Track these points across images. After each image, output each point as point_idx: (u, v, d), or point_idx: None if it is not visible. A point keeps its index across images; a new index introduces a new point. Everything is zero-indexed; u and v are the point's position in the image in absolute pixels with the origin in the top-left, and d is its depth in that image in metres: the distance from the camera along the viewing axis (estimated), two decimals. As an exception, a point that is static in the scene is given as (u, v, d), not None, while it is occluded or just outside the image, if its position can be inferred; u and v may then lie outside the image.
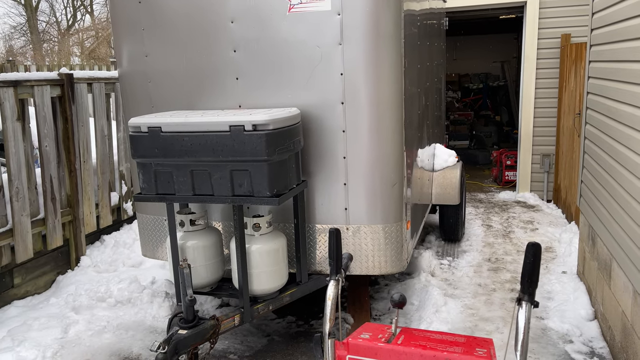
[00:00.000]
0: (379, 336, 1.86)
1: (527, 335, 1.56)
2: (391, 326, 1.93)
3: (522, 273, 1.64)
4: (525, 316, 1.61)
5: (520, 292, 1.64)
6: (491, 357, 1.72)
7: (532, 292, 1.63)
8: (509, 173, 7.92)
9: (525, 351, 1.56)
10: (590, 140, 4.20)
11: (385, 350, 1.77)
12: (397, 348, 1.75)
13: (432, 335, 1.88)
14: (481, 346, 1.79)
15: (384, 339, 1.83)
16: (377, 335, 1.87)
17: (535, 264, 1.62)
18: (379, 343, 1.80)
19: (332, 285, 1.84)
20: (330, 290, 1.83)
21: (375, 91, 3.45)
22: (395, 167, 3.59)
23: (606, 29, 3.74)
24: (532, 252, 1.62)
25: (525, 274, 1.63)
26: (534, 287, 1.62)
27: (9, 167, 4.19)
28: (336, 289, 1.83)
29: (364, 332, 1.90)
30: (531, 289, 1.62)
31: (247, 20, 3.50)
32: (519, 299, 1.63)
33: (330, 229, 1.85)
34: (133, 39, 3.80)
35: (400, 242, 3.65)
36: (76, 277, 4.78)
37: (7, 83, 4.12)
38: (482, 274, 4.83)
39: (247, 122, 3.00)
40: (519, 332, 1.59)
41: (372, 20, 3.35)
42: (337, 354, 1.85)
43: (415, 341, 1.79)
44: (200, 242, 3.48)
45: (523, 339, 1.56)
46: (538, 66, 6.95)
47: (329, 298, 1.81)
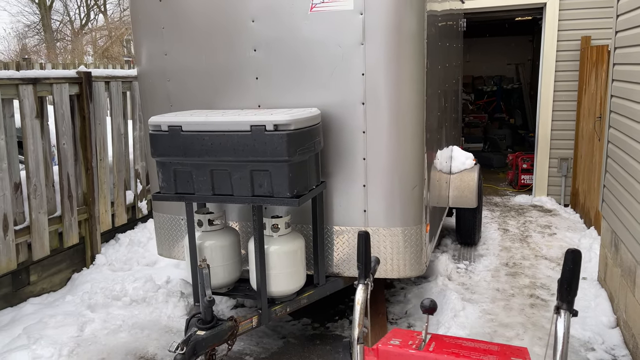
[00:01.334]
0: (409, 342, 1.82)
1: (567, 345, 1.51)
2: (421, 332, 1.88)
3: (561, 280, 1.59)
4: (565, 325, 1.55)
5: (559, 301, 1.59)
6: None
7: (571, 301, 1.57)
8: (525, 176, 7.83)
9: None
10: (614, 144, 4.12)
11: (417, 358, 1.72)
12: (430, 355, 1.70)
13: (464, 342, 1.83)
14: (516, 355, 1.73)
15: (414, 346, 1.79)
16: (407, 341, 1.83)
17: (575, 272, 1.56)
18: (410, 350, 1.75)
19: (361, 290, 1.79)
20: (359, 294, 1.79)
21: (397, 92, 3.40)
22: (415, 169, 3.54)
23: (632, 31, 3.66)
24: (571, 259, 1.57)
25: (564, 282, 1.58)
26: (573, 296, 1.57)
27: (27, 164, 4.20)
28: (365, 293, 1.79)
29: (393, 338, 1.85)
30: (570, 297, 1.57)
31: (268, 19, 3.47)
32: (558, 308, 1.58)
33: (360, 231, 1.81)
34: (153, 38, 3.79)
35: (420, 246, 3.60)
36: (91, 275, 4.78)
37: (26, 80, 4.12)
38: (500, 279, 4.76)
39: (268, 122, 2.97)
40: (558, 342, 1.53)
41: (395, 19, 3.30)
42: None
43: (447, 348, 1.74)
44: (218, 242, 3.45)
45: (562, 350, 1.51)
46: (557, 69, 6.86)
47: (358, 302, 1.77)
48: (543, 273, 4.85)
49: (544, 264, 5.07)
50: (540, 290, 4.50)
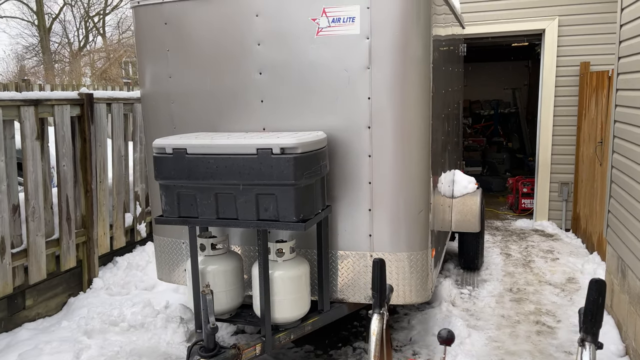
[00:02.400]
0: (426, 375, 1.75)
1: (594, 379, 1.45)
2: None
3: (585, 311, 1.54)
4: (590, 358, 1.50)
5: (583, 333, 1.54)
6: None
7: (596, 333, 1.52)
8: (525, 200, 7.81)
9: (592, 397, 1.45)
10: (618, 169, 4.11)
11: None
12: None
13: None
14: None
15: (432, 379, 1.72)
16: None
17: (600, 302, 1.51)
18: (428, 383, 1.69)
19: (376, 319, 1.74)
20: (375, 324, 1.73)
21: (402, 116, 3.39)
22: (421, 193, 3.51)
23: (637, 57, 3.68)
24: (596, 289, 1.52)
25: (588, 313, 1.53)
26: (598, 327, 1.52)
27: (27, 186, 4.14)
28: (380, 323, 1.73)
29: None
30: (595, 329, 1.52)
31: (274, 43, 3.47)
32: (582, 340, 1.53)
33: (375, 258, 1.76)
34: (157, 60, 3.78)
35: (426, 271, 3.54)
36: (88, 300, 4.67)
37: (28, 102, 4.09)
38: (505, 305, 4.69)
39: (275, 145, 2.93)
40: (584, 376, 1.48)
41: (401, 44, 3.31)
42: (383, 393, 1.74)
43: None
44: (221, 267, 3.38)
45: (590, 384, 1.45)
46: (556, 94, 6.90)
47: (374, 333, 1.71)
48: (548, 299, 4.78)
49: (548, 289, 5.01)
50: (546, 317, 4.43)
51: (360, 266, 3.55)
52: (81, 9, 26.85)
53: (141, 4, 3.74)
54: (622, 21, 4.08)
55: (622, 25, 4.08)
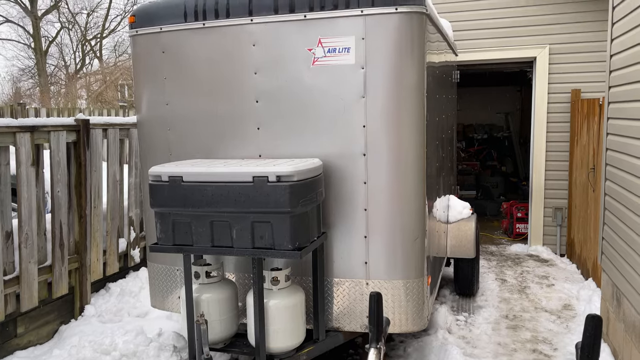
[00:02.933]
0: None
1: (593, 416, 1.44)
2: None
3: (582, 347, 1.54)
4: (588, 394, 1.49)
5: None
6: None
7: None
8: (519, 225, 7.83)
9: None
10: (611, 196, 4.14)
11: None
12: None
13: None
14: None
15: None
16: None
17: (596, 338, 1.51)
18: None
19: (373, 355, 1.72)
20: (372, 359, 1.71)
21: (397, 143, 3.42)
22: (417, 220, 3.51)
23: (627, 87, 3.75)
24: (592, 325, 1.52)
25: (585, 348, 1.53)
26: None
27: (20, 212, 4.11)
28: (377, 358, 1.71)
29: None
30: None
31: (271, 71, 3.51)
32: (580, 375, 1.52)
33: (372, 292, 1.76)
34: (154, 87, 3.81)
35: (422, 299, 3.53)
36: (80, 328, 4.60)
37: (24, 128, 4.10)
38: (501, 332, 4.66)
39: (271, 173, 2.95)
40: (583, 412, 1.47)
41: (396, 73, 3.36)
42: None
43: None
44: (215, 295, 3.36)
45: (588, 421, 1.44)
46: (549, 120, 6.99)
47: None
48: (544, 326, 4.76)
49: (544, 316, 4.99)
50: (543, 345, 4.40)
51: (356, 294, 3.53)
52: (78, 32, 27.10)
53: (139, 33, 3.79)
54: (612, 51, 4.16)
55: (612, 55, 4.16)
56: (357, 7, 3.30)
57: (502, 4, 7.01)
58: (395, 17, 3.28)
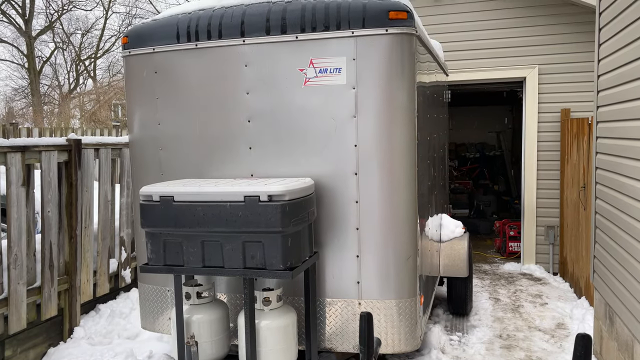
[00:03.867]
0: None
1: None
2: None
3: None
4: (580, 415, 1.48)
5: (572, 388, 1.52)
6: None
7: (584, 388, 1.51)
8: (512, 244, 7.84)
9: None
10: (601, 215, 4.16)
11: None
12: None
13: None
14: None
15: None
16: None
17: (587, 357, 1.51)
18: None
19: (364, 375, 1.70)
20: (362, 380, 1.69)
21: (389, 163, 3.44)
22: (409, 239, 3.51)
23: (615, 106, 3.81)
24: (582, 345, 1.52)
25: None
26: (587, 383, 1.51)
27: (10, 233, 4.07)
28: (368, 379, 1.70)
29: None
30: (584, 385, 1.51)
31: (263, 92, 3.54)
32: (571, 396, 1.51)
33: (362, 312, 1.75)
34: (147, 107, 3.82)
35: (414, 319, 3.51)
36: (68, 350, 4.53)
37: (15, 148, 4.08)
38: (495, 352, 4.63)
39: (262, 193, 2.95)
40: None
41: (386, 93, 3.39)
42: None
43: None
44: (206, 316, 3.33)
45: None
46: (539, 139, 7.06)
47: (361, 389, 1.68)
48: (538, 346, 4.74)
49: (538, 335, 4.97)
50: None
51: (348, 314, 3.51)
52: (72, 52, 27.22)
53: (132, 54, 3.81)
54: (599, 72, 4.23)
55: (599, 75, 4.23)
56: (348, 29, 3.34)
57: (492, 25, 7.13)
58: (386, 38, 3.33)
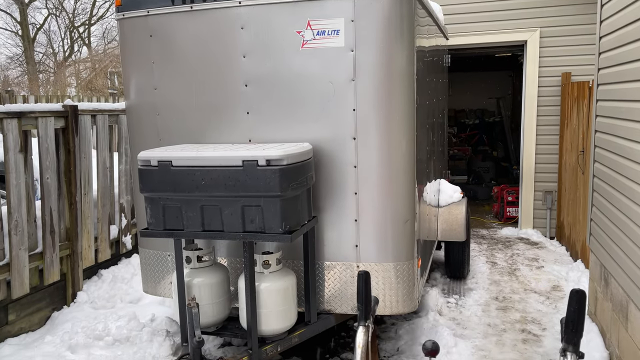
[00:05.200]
0: (412, 387, 1.76)
1: (576, 389, 1.47)
2: (422, 375, 1.83)
3: (566, 321, 1.56)
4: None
5: (565, 343, 1.56)
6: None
7: (577, 342, 1.55)
8: (510, 209, 7.89)
9: (574, 406, 1.47)
10: (599, 178, 4.17)
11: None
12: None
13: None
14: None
15: (417, 391, 1.73)
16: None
17: (581, 312, 1.54)
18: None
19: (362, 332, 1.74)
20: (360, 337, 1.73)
21: (387, 127, 3.42)
22: (407, 203, 3.53)
23: (615, 68, 3.76)
24: (576, 300, 1.55)
25: (569, 322, 1.55)
26: (580, 337, 1.54)
27: (9, 199, 4.08)
28: (366, 335, 1.74)
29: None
30: (576, 339, 1.54)
31: (260, 55, 3.49)
32: (564, 350, 1.55)
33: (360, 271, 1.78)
34: (142, 72, 3.77)
35: (412, 281, 3.56)
36: (72, 314, 4.61)
37: (11, 114, 4.06)
38: (491, 314, 4.72)
39: (260, 157, 2.94)
40: (566, 385, 1.50)
41: (385, 57, 3.35)
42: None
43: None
44: (207, 279, 3.37)
45: (571, 393, 1.47)
46: (539, 104, 7.01)
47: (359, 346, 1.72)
48: (533, 307, 4.83)
49: (533, 297, 5.06)
50: (532, 325, 4.46)
51: (347, 277, 3.55)
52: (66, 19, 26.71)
53: (126, 17, 3.74)
54: (601, 33, 4.17)
55: (601, 37, 4.17)
56: (346, -11, 3.27)
57: (493, -13, 6.99)
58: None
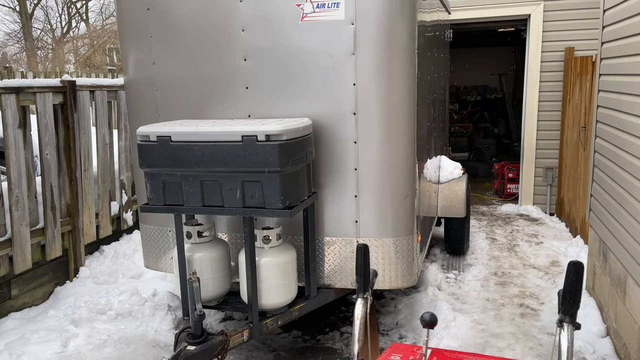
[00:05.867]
0: (410, 358, 1.78)
1: (571, 359, 1.49)
2: (420, 347, 1.85)
3: (563, 293, 1.57)
4: (568, 339, 1.53)
5: (561, 314, 1.57)
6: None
7: (574, 314, 1.56)
8: (510, 186, 7.89)
9: (569, 376, 1.49)
10: (601, 153, 4.16)
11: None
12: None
13: (465, 357, 1.80)
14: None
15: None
16: (407, 357, 1.79)
17: (578, 284, 1.55)
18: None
19: (360, 304, 1.76)
20: (359, 309, 1.75)
21: (388, 102, 3.39)
22: (407, 179, 3.52)
23: (619, 42, 3.71)
24: (573, 271, 1.55)
25: (567, 294, 1.56)
26: (576, 308, 1.55)
27: (9, 175, 4.08)
28: (364, 307, 1.75)
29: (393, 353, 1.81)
30: (573, 310, 1.55)
31: (259, 28, 3.44)
32: (561, 321, 1.56)
33: (359, 244, 1.78)
34: (140, 46, 3.73)
35: (411, 256, 3.58)
36: (75, 289, 4.66)
37: (9, 90, 4.03)
38: (490, 288, 4.76)
39: (260, 132, 2.93)
40: (562, 356, 1.51)
41: (386, 30, 3.30)
42: (367, 376, 1.76)
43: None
44: (207, 254, 3.39)
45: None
46: (541, 79, 6.94)
47: (357, 317, 1.73)
48: (532, 282, 4.86)
49: (532, 273, 5.09)
50: (530, 300, 4.51)
51: (346, 252, 3.57)
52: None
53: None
54: (605, 6, 4.10)
55: (605, 10, 4.10)
56: (346, -40, 3.21)
57: (497, -41, 6.86)
58: (385, -30, 3.20)
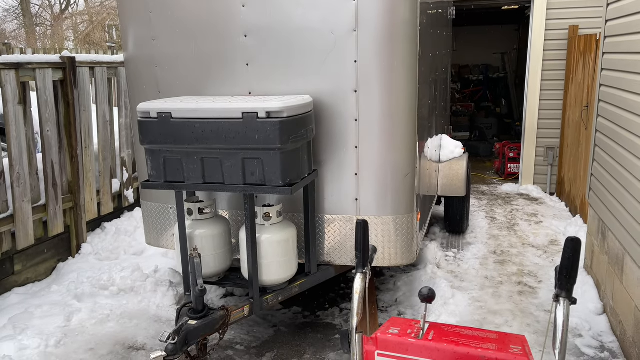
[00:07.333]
0: (407, 331, 1.81)
1: (567, 333, 1.51)
2: (419, 321, 1.88)
3: (560, 268, 1.59)
4: (564, 313, 1.56)
5: (558, 289, 1.59)
6: (527, 355, 1.68)
7: (570, 289, 1.58)
8: (511, 165, 7.89)
9: (564, 350, 1.51)
10: (602, 132, 4.15)
11: (416, 347, 1.71)
12: (429, 344, 1.70)
13: (462, 331, 1.83)
14: (515, 343, 1.74)
15: (413, 335, 1.78)
16: (405, 330, 1.82)
17: (575, 259, 1.56)
18: (410, 339, 1.74)
19: (359, 279, 1.78)
20: (358, 283, 1.77)
21: (389, 80, 3.37)
22: (407, 157, 3.53)
23: (624, 20, 3.67)
24: (571, 247, 1.57)
25: (564, 270, 1.58)
26: (573, 284, 1.57)
27: (10, 151, 4.09)
28: (363, 282, 1.77)
29: (391, 327, 1.84)
30: (569, 286, 1.57)
31: (259, 4, 3.40)
32: (557, 296, 1.58)
33: (358, 219, 1.79)
34: (140, 22, 3.70)
35: (411, 234, 3.60)
36: (77, 265, 4.71)
37: (8, 65, 4.01)
38: (489, 267, 4.80)
39: (260, 109, 2.92)
40: (557, 330, 1.54)
41: (388, 6, 3.26)
42: (366, 349, 1.79)
43: (446, 337, 1.73)
44: (208, 230, 3.41)
45: (562, 338, 1.51)
46: (544, 58, 6.89)
47: (357, 292, 1.76)
48: (530, 261, 4.90)
49: (531, 251, 5.13)
50: (528, 278, 4.55)
51: (346, 229, 3.60)
52: (61, -31, 25.92)
53: (122, -37, 3.63)
54: (611, -17, 4.04)
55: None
56: None
57: None
58: (388, -55, 3.15)
